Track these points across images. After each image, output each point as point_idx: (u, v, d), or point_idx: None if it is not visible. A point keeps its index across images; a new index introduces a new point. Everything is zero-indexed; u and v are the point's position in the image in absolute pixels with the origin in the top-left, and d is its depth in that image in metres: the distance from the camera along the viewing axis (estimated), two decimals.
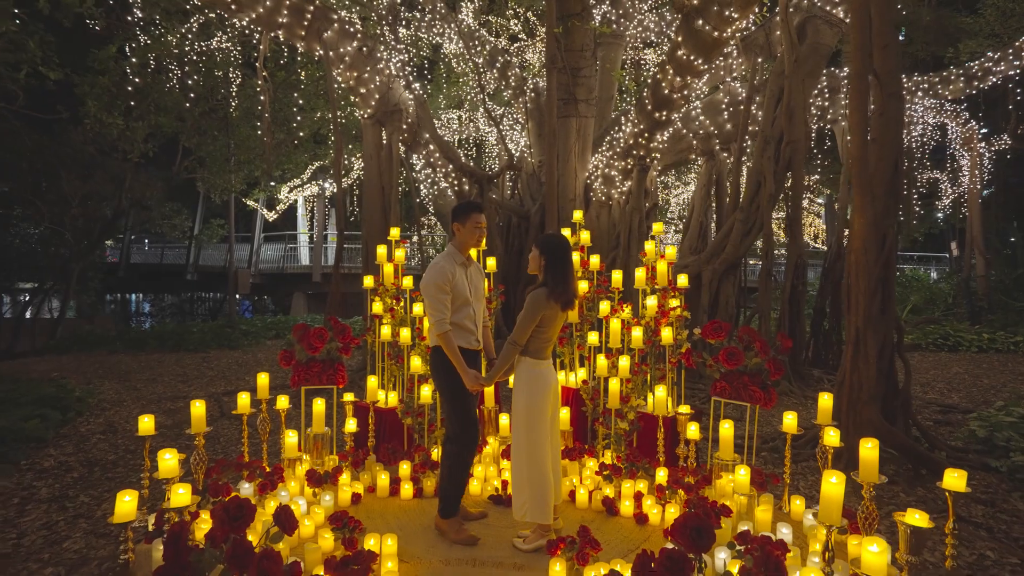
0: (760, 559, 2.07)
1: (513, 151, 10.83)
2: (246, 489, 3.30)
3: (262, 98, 7.96)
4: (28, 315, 19.46)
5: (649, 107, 7.15)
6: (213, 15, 8.13)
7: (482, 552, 2.96)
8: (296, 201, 24.99)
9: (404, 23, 10.37)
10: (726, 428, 3.42)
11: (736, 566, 2.19)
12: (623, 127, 7.88)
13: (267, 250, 26.63)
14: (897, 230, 4.69)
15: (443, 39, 10.41)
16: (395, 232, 4.83)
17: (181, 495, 2.48)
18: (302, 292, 24.72)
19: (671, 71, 6.62)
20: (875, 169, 4.59)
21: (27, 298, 21.89)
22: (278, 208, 23.42)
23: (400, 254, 4.72)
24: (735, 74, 8.54)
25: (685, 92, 6.84)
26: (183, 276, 26.97)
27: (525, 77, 9.83)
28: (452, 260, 3.10)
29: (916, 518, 2.51)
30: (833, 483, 2.25)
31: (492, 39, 10.24)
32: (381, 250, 4.75)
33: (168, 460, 2.67)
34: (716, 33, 6.01)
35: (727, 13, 5.81)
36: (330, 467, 3.76)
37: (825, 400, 3.39)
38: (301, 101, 9.86)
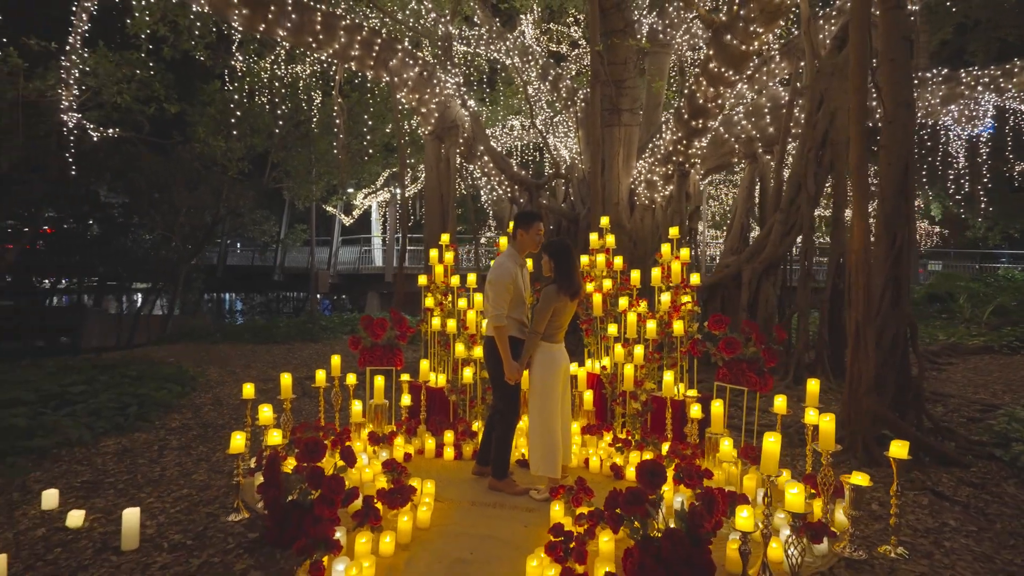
0: (703, 494, 2.64)
1: (567, 156, 11.44)
2: (334, 460, 4.15)
3: (338, 122, 9.07)
4: (142, 312, 22.11)
5: (686, 116, 7.57)
6: (298, 50, 9.32)
7: (503, 499, 3.65)
8: (371, 206, 26.69)
9: (463, 41, 11.25)
10: (716, 406, 3.93)
11: (686, 496, 2.76)
12: (663, 134, 8.32)
13: (344, 252, 28.56)
14: (910, 230, 4.94)
15: (499, 55, 11.19)
16: (445, 238, 5.61)
17: (274, 436, 3.34)
18: (376, 291, 26.36)
19: (704, 82, 7.04)
20: (885, 174, 4.88)
21: (141, 297, 24.80)
22: (354, 213, 25.16)
23: (449, 256, 5.49)
24: (778, 78, 8.74)
25: (719, 101, 7.22)
26: (271, 277, 29.42)
27: (575, 88, 10.42)
28: (514, 261, 3.78)
29: (859, 479, 2.98)
30: (771, 442, 2.76)
31: (543, 54, 10.89)
32: (433, 252, 5.54)
33: (265, 412, 3.55)
34: (744, 47, 6.38)
35: (752, 28, 6.19)
36: (387, 431, 4.58)
37: (812, 385, 3.82)
38: (371, 122, 10.94)
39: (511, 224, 3.92)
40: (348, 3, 9.18)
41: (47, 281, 24.31)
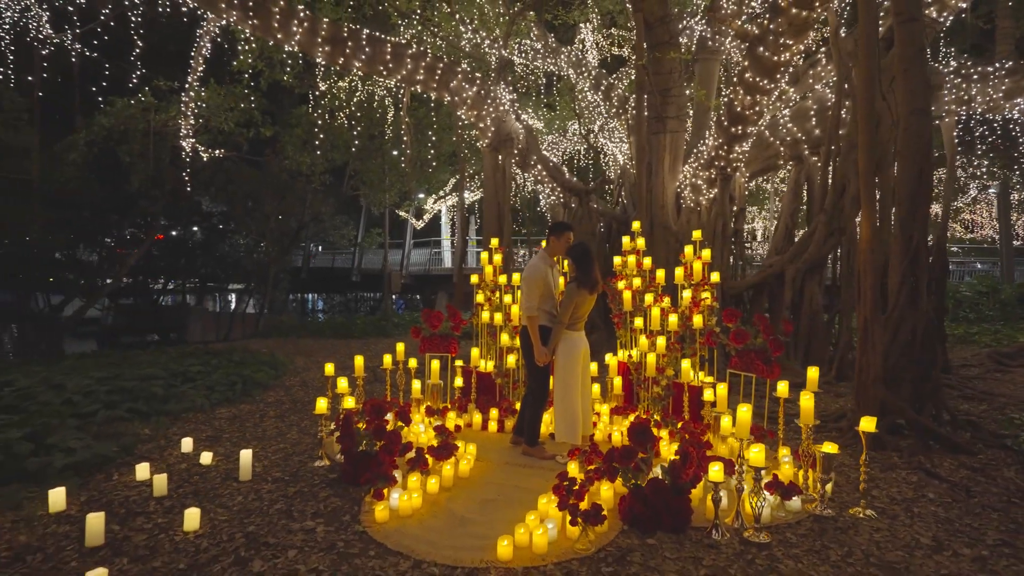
0: (680, 451, 3.24)
1: (622, 160, 11.95)
2: (390, 419, 5.03)
3: (405, 139, 10.10)
4: (236, 310, 24.48)
5: (725, 123, 7.94)
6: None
7: (533, 462, 4.35)
8: (440, 211, 28.08)
9: (521, 54, 12.02)
10: (721, 389, 4.45)
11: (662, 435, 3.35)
12: (706, 140, 8.70)
13: (416, 254, 30.15)
14: (927, 232, 5.20)
15: (555, 67, 11.88)
16: (495, 241, 6.39)
17: (349, 401, 4.22)
18: (445, 291, 27.68)
19: (741, 91, 7.40)
20: (901, 178, 5.17)
21: (235, 297, 27.37)
22: (425, 217, 26.61)
23: (498, 258, 6.25)
24: (824, 80, 8.88)
25: (756, 108, 7.54)
26: (349, 278, 31.51)
27: (626, 96, 10.92)
28: (545, 262, 4.52)
29: (828, 448, 3.46)
30: (743, 411, 3.30)
31: (596, 66, 11.47)
32: (484, 255, 6.33)
33: (343, 383, 4.45)
34: (776, 58, 6.72)
35: (782, 41, 6.53)
36: (441, 407, 5.40)
37: (812, 372, 4.26)
38: (435, 138, 11.96)
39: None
40: (415, 29, 10.19)
41: (158, 282, 27.42)
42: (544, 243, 5.51)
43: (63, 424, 4.45)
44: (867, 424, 3.48)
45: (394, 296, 28.87)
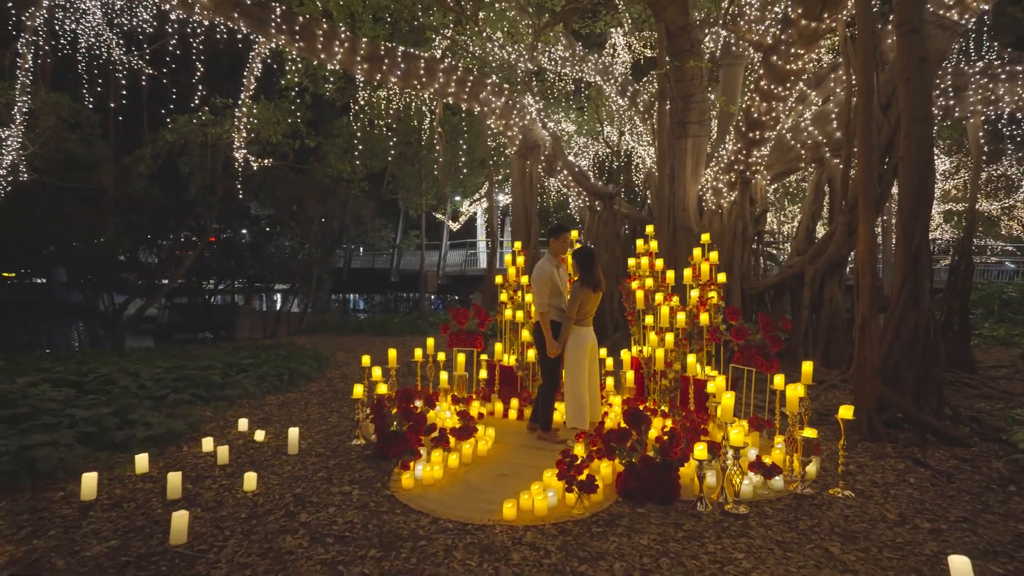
0: (669, 431, 3.64)
1: (649, 163, 12.25)
2: (417, 404, 5.57)
3: (438, 147, 10.69)
4: (282, 309, 25.72)
5: (743, 128, 8.19)
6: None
7: (546, 445, 4.80)
8: (476, 213, 28.76)
9: (551, 62, 12.45)
10: (719, 381, 4.79)
11: (667, 424, 3.75)
12: (726, 145, 8.95)
13: (452, 255, 30.89)
14: (928, 234, 5.40)
15: (583, 75, 12.28)
16: (518, 244, 6.86)
17: (382, 388, 4.77)
18: (480, 291, 28.29)
19: (757, 98, 7.65)
20: (903, 182, 5.40)
21: (280, 297, 28.71)
22: (460, 220, 27.32)
23: (520, 259, 6.72)
24: (845, 84, 8.99)
25: (773, 115, 7.77)
26: (388, 278, 32.53)
27: (652, 102, 11.22)
28: (551, 263, 4.99)
29: (808, 432, 3.80)
30: (727, 398, 3.67)
31: (624, 72, 11.80)
32: (508, 257, 6.81)
33: (377, 372, 5.01)
34: (788, 67, 6.96)
35: (794, 51, 6.77)
36: (465, 396, 5.90)
37: (807, 366, 4.57)
38: (465, 146, 12.53)
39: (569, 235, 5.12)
40: (447, 42, 10.77)
41: (210, 283, 29.03)
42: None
43: (140, 404, 5.17)
44: (845, 412, 3.80)
45: (433, 296, 29.75)
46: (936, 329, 5.42)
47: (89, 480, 3.50)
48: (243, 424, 5.11)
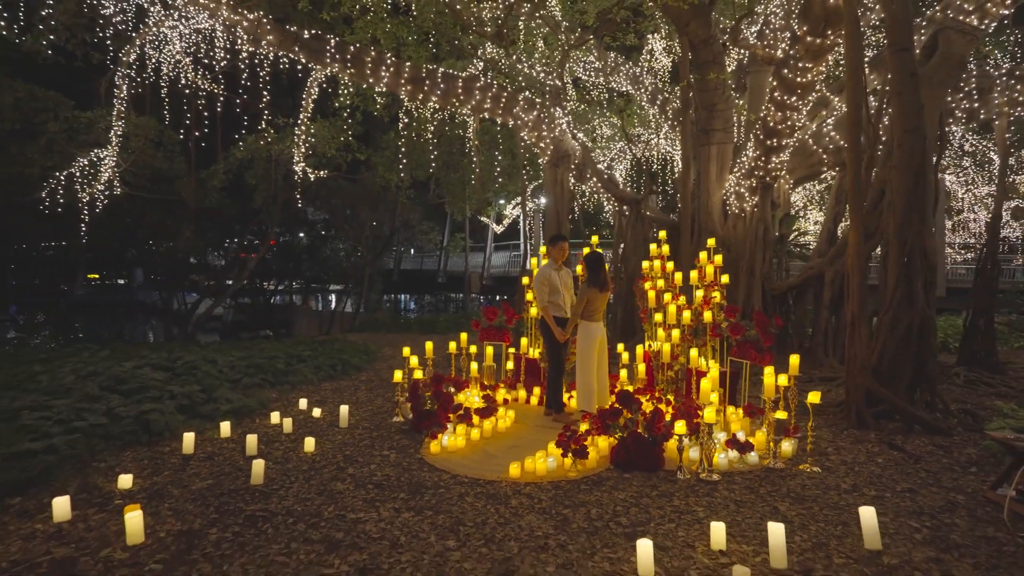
0: (653, 410, 4.27)
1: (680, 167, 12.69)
2: (449, 388, 6.36)
3: (475, 159, 11.51)
4: (336, 309, 27.26)
5: (761, 136, 8.59)
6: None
7: (555, 424, 5.49)
8: (519, 216, 29.54)
9: (587, 72, 13.07)
10: (713, 372, 5.35)
11: (660, 406, 4.38)
12: (747, 151, 9.36)
13: (496, 257, 31.80)
14: (923, 237, 5.76)
15: (615, 84, 12.84)
16: (543, 249, 7.56)
17: (418, 373, 5.59)
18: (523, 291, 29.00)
19: (772, 108, 8.06)
20: (898, 189, 5.79)
21: (335, 297, 30.33)
22: (504, 222, 28.19)
23: (544, 262, 7.40)
24: (869, 89, 9.21)
25: (788, 123, 8.14)
26: (436, 279, 33.77)
27: (690, 102, 11.68)
28: (550, 267, 5.72)
29: (780, 415, 4.34)
30: (705, 382, 4.26)
31: (654, 81, 12.30)
32: (533, 260, 7.52)
33: (414, 360, 5.84)
34: (799, 79, 7.36)
35: (802, 65, 7.17)
36: (493, 383, 6.66)
37: (794, 359, 5.07)
38: (500, 157, 13.33)
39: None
40: (484, 61, 11.58)
41: (271, 284, 31.05)
42: (596, 240, 6.70)
43: (221, 385, 6.19)
44: (813, 397, 4.34)
45: (482, 297, 30.77)
46: (930, 328, 5.76)
47: (188, 438, 4.46)
48: (303, 403, 6.05)
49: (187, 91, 11.41)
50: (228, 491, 3.69)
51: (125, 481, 3.71)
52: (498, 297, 35.49)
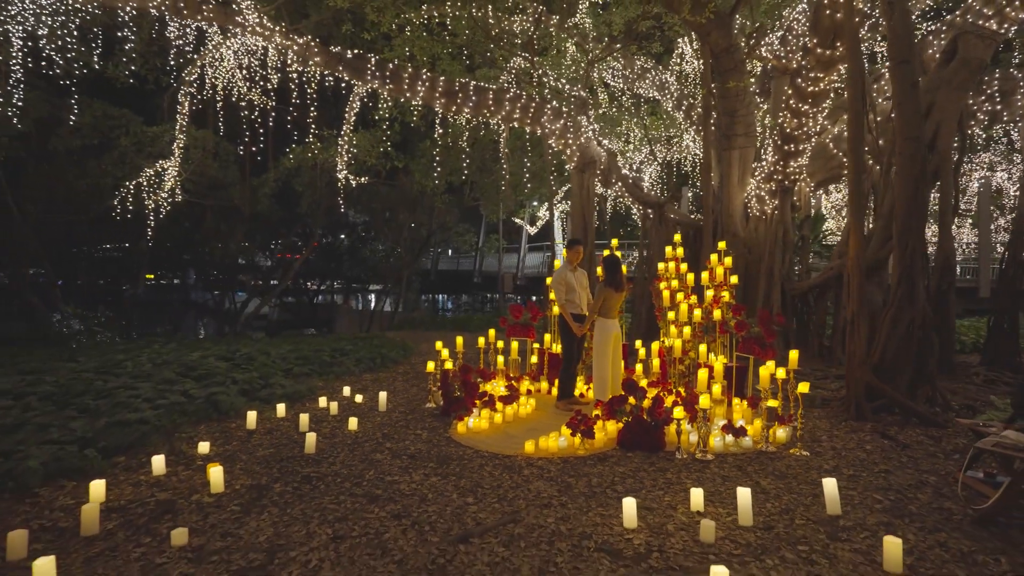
0: (655, 397, 4.77)
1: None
2: (476, 378, 6.97)
3: (505, 166, 12.10)
4: (375, 308, 28.32)
5: (779, 142, 8.89)
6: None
7: (571, 411, 6.03)
8: (553, 217, 29.99)
9: (616, 78, 13.50)
10: (718, 365, 5.78)
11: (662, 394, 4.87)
12: (766, 156, 9.65)
13: (531, 258, 32.33)
14: (924, 240, 6.05)
15: (641, 90, 13.25)
16: (565, 252, 8.09)
17: (448, 363, 6.22)
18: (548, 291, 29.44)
19: (788, 115, 8.37)
20: (899, 194, 6.09)
21: (374, 297, 31.43)
22: (538, 224, 28.71)
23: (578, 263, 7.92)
24: (887, 94, 9.38)
25: (804, 129, 8.43)
26: (472, 279, 34.58)
27: (711, 109, 12.00)
28: (566, 268, 6.26)
29: (771, 402, 4.77)
30: (702, 371, 4.72)
31: (679, 88, 12.65)
32: (556, 261, 8.05)
33: (445, 352, 6.47)
34: (811, 88, 7.67)
35: (814, 75, 7.48)
36: (516, 375, 7.23)
37: (793, 354, 5.48)
38: (529, 163, 13.90)
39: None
40: (514, 73, 12.18)
41: (313, 284, 32.45)
42: (613, 244, 7.20)
43: (275, 373, 6.97)
44: (803, 387, 4.74)
45: (518, 297, 31.41)
46: (930, 327, 6.05)
47: (251, 416, 5.21)
48: (346, 390, 6.77)
49: (241, 105, 12.42)
50: (286, 457, 4.39)
51: (204, 447, 4.45)
52: (534, 297, 36.13)
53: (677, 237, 7.52)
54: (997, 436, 3.40)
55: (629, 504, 3.24)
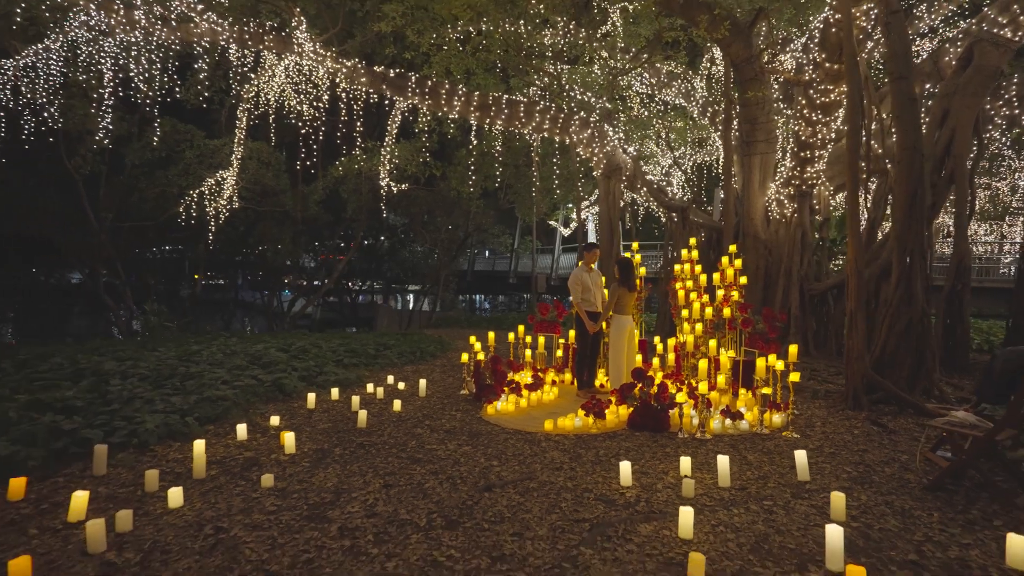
0: (660, 384, 5.40)
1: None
2: (506, 369, 7.69)
3: (534, 172, 12.81)
4: (414, 307, 29.38)
5: (796, 149, 9.30)
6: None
7: (586, 397, 6.69)
8: (587, 218, 30.52)
9: (644, 85, 14.04)
10: (724, 358, 6.34)
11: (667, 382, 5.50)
12: (784, 162, 10.05)
13: (565, 259, 32.91)
14: (922, 243, 6.46)
15: (667, 97, 13.74)
16: (586, 256, 8.74)
17: (480, 354, 6.97)
18: None
19: (803, 123, 8.79)
20: (897, 201, 6.53)
21: (413, 297, 32.56)
22: (571, 226, 29.28)
23: (593, 265, 8.58)
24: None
25: (818, 137, 8.84)
26: (507, 280, 35.39)
27: (733, 117, 12.42)
28: (582, 270, 6.93)
29: (766, 390, 5.34)
30: (703, 361, 5.31)
31: (704, 95, 13.10)
32: (580, 262, 8.70)
33: (477, 345, 7.23)
34: (822, 99, 8.09)
35: (823, 87, 7.90)
36: (542, 367, 7.93)
37: (793, 348, 6.00)
38: (558, 171, 14.57)
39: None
40: (542, 85, 12.87)
41: (355, 284, 33.84)
42: (633, 247, 7.83)
43: (328, 363, 7.88)
44: (794, 376, 5.28)
45: (552, 298, 32.08)
46: (928, 324, 6.45)
47: (311, 397, 6.08)
48: (390, 379, 7.60)
49: (291, 118, 13.52)
50: (342, 430, 5.22)
51: (275, 420, 5.33)
52: (569, 298, 36.68)
53: (692, 241, 8.07)
54: (948, 416, 3.92)
55: (625, 466, 3.91)
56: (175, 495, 3.38)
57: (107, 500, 3.49)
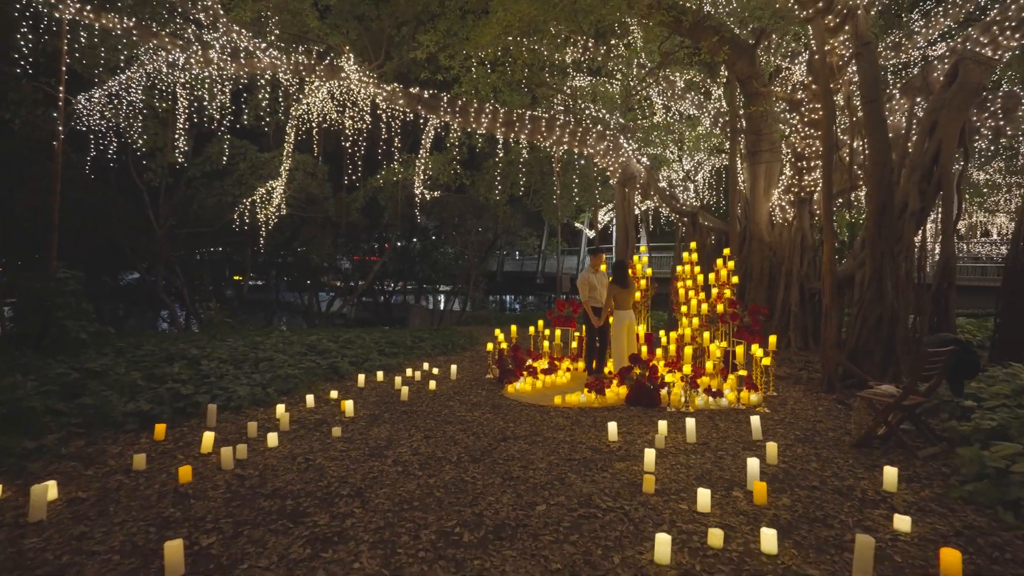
0: (650, 367, 6.42)
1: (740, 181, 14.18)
2: (525, 356, 8.79)
3: (555, 181, 13.87)
4: (445, 308, 30.69)
5: (793, 159, 10.13)
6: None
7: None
8: (610, 221, 31.35)
9: (660, 94, 14.95)
10: (715, 348, 7.29)
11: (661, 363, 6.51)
12: (784, 171, 10.87)
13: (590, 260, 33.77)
14: (892, 247, 7.29)
15: (681, 108, 14.63)
16: (600, 257, 9.77)
17: (503, 344, 8.08)
18: None
19: (799, 137, 9.63)
20: (869, 210, 7.38)
21: (444, 297, 33.90)
22: (596, 227, 30.17)
23: (603, 267, 9.61)
24: (899, 111, 10.36)
25: (813, 149, 9.65)
26: (535, 280, 36.47)
27: (739, 129, 13.26)
28: (590, 271, 7.97)
29: (741, 372, 6.30)
30: (688, 348, 6.30)
31: (716, 105, 13.95)
32: (603, 267, 9.72)
33: (500, 336, 8.34)
34: (813, 116, 8.92)
35: (813, 105, 8.74)
36: (558, 356, 8.99)
37: (772, 338, 6.94)
38: (577, 180, 15.60)
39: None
40: (562, 99, 13.93)
41: (389, 285, 35.37)
42: (642, 249, 8.84)
43: (372, 352, 9.11)
44: (766, 360, 6.23)
45: (568, 296, 33.05)
46: (897, 319, 7.28)
47: (361, 378, 7.30)
48: (426, 365, 8.79)
49: (334, 132, 14.89)
50: (389, 402, 6.41)
51: (334, 394, 6.55)
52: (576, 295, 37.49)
53: (693, 244, 9.02)
54: (875, 389, 4.85)
55: (613, 426, 4.96)
56: (272, 438, 4.59)
57: (220, 443, 4.73)
